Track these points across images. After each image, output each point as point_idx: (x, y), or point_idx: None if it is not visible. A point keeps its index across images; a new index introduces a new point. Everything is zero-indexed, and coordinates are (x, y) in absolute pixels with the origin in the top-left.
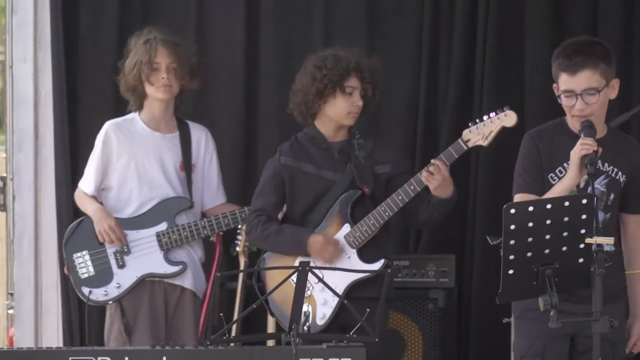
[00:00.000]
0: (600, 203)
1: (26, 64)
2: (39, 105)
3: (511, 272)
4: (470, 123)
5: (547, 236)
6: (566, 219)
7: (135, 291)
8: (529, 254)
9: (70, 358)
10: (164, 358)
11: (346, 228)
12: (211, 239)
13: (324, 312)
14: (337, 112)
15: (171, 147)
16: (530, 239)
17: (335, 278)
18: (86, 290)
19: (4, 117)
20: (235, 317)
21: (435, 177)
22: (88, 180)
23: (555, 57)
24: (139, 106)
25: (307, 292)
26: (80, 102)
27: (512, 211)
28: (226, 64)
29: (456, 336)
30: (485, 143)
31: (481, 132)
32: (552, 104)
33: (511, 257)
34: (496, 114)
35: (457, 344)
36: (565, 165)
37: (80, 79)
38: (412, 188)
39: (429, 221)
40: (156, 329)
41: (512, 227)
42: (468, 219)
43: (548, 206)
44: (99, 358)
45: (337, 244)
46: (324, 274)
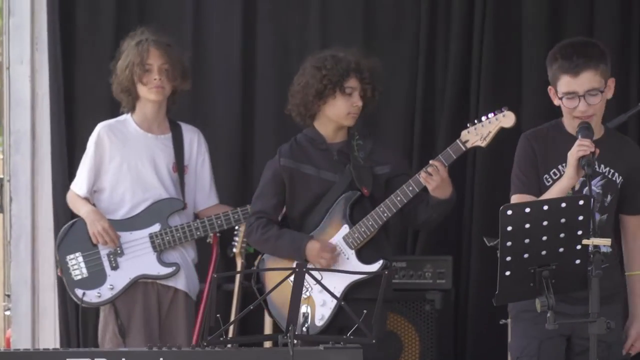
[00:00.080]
0: (596, 204)
1: (23, 66)
2: (36, 106)
3: (508, 274)
4: (468, 124)
5: (544, 237)
6: (563, 221)
7: (128, 293)
8: (526, 255)
9: (67, 359)
10: (161, 359)
11: (345, 229)
12: (208, 241)
13: (323, 313)
14: (337, 113)
15: (164, 149)
16: (527, 240)
17: (334, 279)
18: (79, 292)
19: (1, 119)
20: (232, 319)
21: (433, 178)
22: (80, 182)
23: (552, 60)
24: (132, 107)
25: (306, 294)
26: (77, 104)
27: (509, 212)
28: (223, 65)
29: (453, 337)
30: (483, 144)
31: (480, 133)
32: (549, 105)
33: (508, 259)
34: (494, 115)
35: (454, 346)
36: (560, 167)
37: (77, 81)
38: (411, 189)
39: (428, 222)
40: (150, 330)
41: (509, 229)
42: (465, 221)
43: (545, 207)
44: (96, 359)
45: (335, 250)
46: (323, 275)
